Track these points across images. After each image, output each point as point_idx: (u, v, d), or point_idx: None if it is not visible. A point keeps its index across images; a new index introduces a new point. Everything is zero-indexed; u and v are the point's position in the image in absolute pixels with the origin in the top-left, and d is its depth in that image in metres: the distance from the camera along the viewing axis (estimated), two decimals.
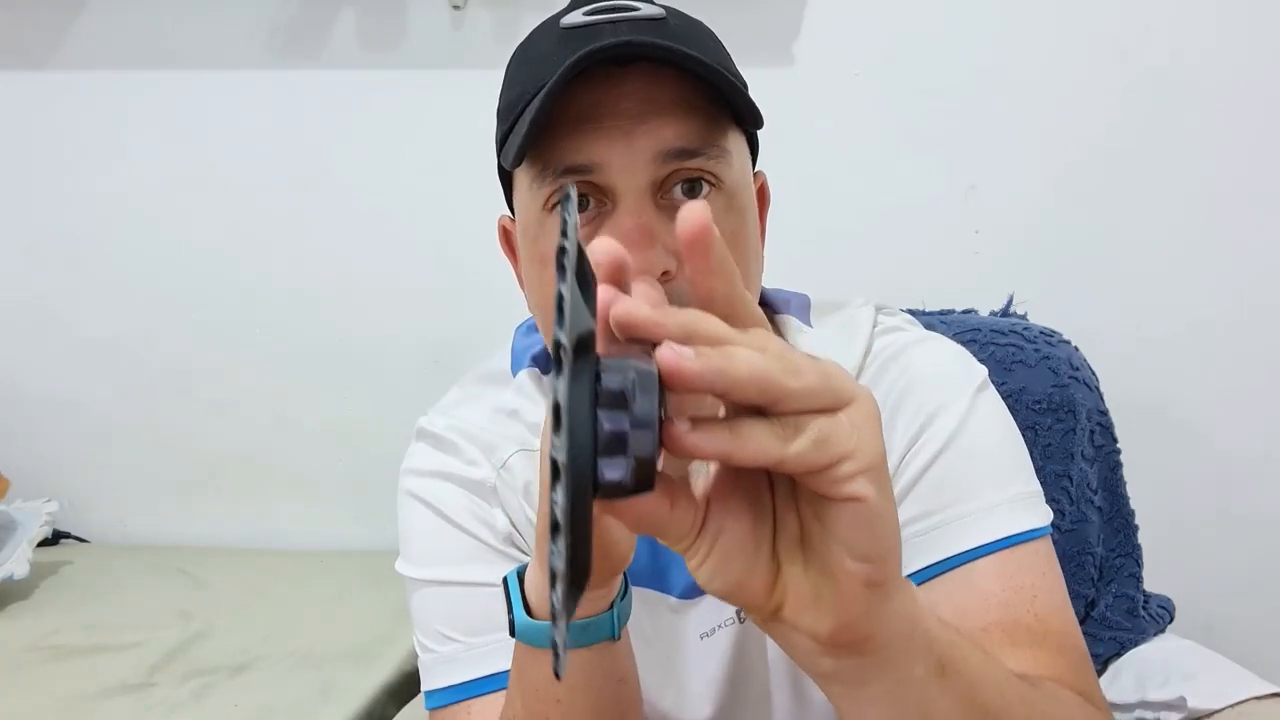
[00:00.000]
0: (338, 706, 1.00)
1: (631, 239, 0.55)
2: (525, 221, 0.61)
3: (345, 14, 1.35)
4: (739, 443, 0.32)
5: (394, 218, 1.40)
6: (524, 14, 1.31)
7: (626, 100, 0.56)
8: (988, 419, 0.66)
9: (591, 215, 0.58)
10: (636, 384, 0.30)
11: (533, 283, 0.63)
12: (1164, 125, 1.26)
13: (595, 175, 0.57)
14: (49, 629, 1.19)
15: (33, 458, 1.49)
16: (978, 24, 1.27)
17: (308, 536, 1.48)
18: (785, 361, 0.32)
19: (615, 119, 0.56)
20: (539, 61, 0.59)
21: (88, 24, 1.39)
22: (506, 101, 0.61)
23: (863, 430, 0.33)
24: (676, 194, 0.58)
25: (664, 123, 0.56)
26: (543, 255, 0.60)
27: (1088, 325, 1.11)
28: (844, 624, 0.35)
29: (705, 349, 0.31)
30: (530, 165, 0.58)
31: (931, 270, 1.31)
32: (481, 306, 1.39)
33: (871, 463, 0.33)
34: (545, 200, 0.58)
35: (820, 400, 0.33)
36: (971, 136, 1.29)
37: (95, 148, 1.43)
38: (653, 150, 0.56)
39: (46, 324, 1.49)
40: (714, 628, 0.68)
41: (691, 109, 0.57)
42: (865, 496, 0.33)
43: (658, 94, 0.56)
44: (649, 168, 0.56)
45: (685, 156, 0.57)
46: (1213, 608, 1.27)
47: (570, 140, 0.56)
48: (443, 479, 0.71)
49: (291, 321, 1.44)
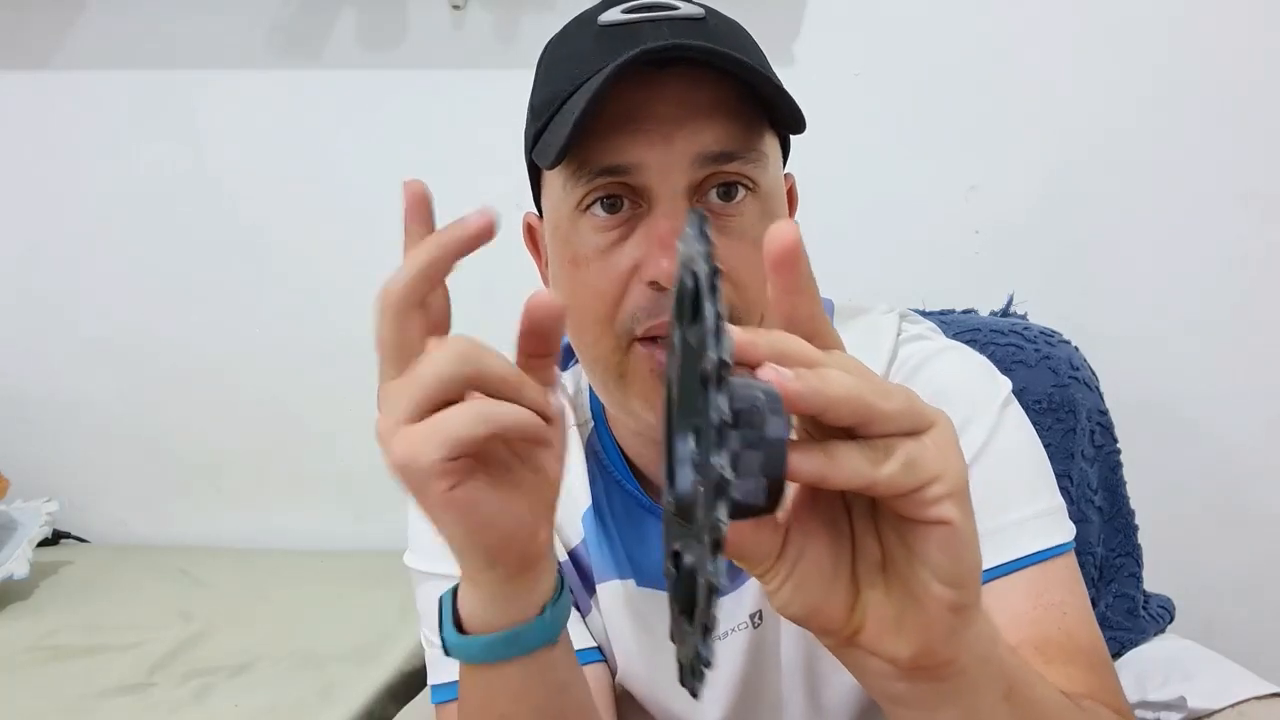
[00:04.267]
0: (338, 707, 1.00)
1: (669, 242, 0.55)
2: (556, 220, 0.61)
3: (345, 14, 1.35)
4: (834, 465, 0.32)
5: (394, 218, 1.38)
6: (524, 14, 1.31)
7: (666, 103, 0.55)
8: (1014, 433, 0.66)
9: (625, 217, 0.57)
10: (766, 405, 0.30)
11: (562, 282, 0.62)
12: (1164, 125, 1.26)
13: (632, 177, 0.56)
14: (49, 629, 1.19)
15: (33, 457, 1.48)
16: (978, 24, 1.27)
17: (308, 536, 1.48)
18: (874, 383, 0.32)
19: (655, 121, 0.55)
20: (577, 59, 0.58)
21: (88, 24, 1.39)
22: (542, 98, 0.61)
23: (947, 453, 0.33)
24: (712, 198, 0.57)
25: (703, 126, 0.56)
26: (574, 256, 0.59)
27: (1088, 325, 1.11)
28: (926, 649, 0.35)
29: (802, 370, 0.31)
30: (565, 165, 0.58)
31: (932, 270, 1.31)
32: (481, 306, 1.39)
33: (957, 485, 0.33)
34: (579, 200, 0.58)
35: (907, 423, 0.33)
36: (972, 137, 1.29)
37: (95, 148, 1.43)
38: (692, 153, 0.56)
39: (46, 324, 1.49)
40: (727, 631, 0.68)
41: (731, 112, 0.57)
42: (953, 520, 0.33)
43: (697, 96, 0.56)
44: (687, 171, 0.56)
45: (723, 160, 0.56)
46: (1213, 608, 1.27)
47: (608, 141, 0.56)
48: None
49: (291, 321, 1.44)
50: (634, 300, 0.57)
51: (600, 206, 0.58)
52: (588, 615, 0.73)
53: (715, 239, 0.55)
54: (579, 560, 0.72)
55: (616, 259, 0.58)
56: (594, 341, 0.60)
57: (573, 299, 0.60)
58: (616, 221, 0.58)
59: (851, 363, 0.34)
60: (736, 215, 0.58)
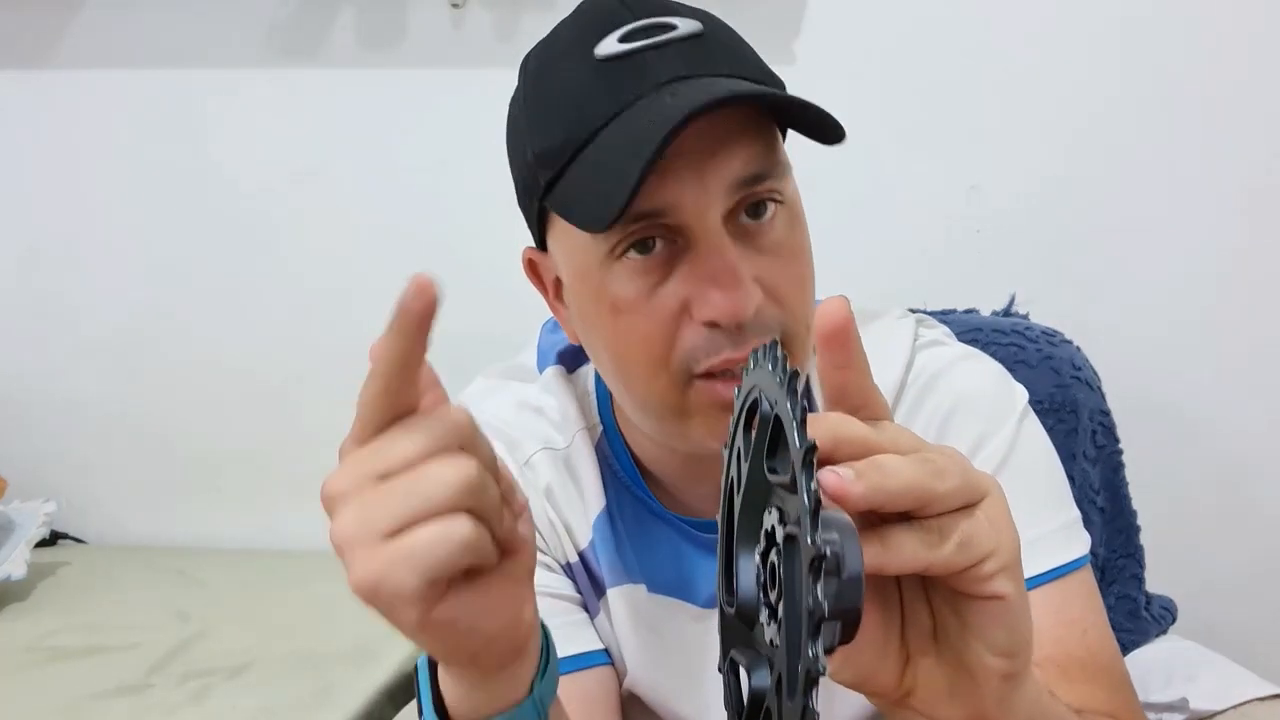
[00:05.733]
0: (337, 708, 0.99)
1: (722, 281, 0.54)
2: (582, 269, 0.59)
3: (344, 13, 1.35)
4: (890, 554, 0.32)
5: (393, 217, 1.39)
6: (523, 13, 1.31)
7: (692, 137, 0.52)
8: (1033, 445, 0.66)
9: (662, 257, 0.56)
10: (843, 545, 0.30)
11: (601, 330, 0.60)
12: (1165, 124, 1.26)
13: (668, 218, 0.54)
14: (46, 630, 1.18)
15: (30, 458, 1.48)
16: (979, 24, 1.27)
17: (307, 537, 1.47)
18: (930, 465, 0.33)
19: (684, 158, 0.53)
20: (581, 100, 0.55)
21: (87, 23, 1.39)
22: (550, 142, 0.57)
23: (1000, 526, 0.34)
24: (743, 219, 0.56)
25: (733, 154, 0.54)
26: (614, 304, 0.57)
27: (1089, 325, 1.11)
28: (977, 714, 0.35)
29: (863, 468, 0.31)
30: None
31: (933, 270, 1.31)
32: (481, 306, 1.39)
33: (1011, 559, 0.34)
34: (612, 248, 0.56)
35: (962, 499, 0.33)
36: (973, 136, 1.29)
37: (94, 147, 1.43)
38: (725, 184, 0.54)
39: (45, 324, 1.48)
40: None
41: (755, 134, 0.56)
42: (1007, 594, 0.33)
43: (722, 125, 0.54)
44: (721, 202, 0.55)
45: (755, 183, 0.55)
46: (1215, 609, 1.26)
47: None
48: None
49: (290, 321, 1.44)
50: (690, 340, 0.56)
51: (634, 250, 0.56)
52: (596, 618, 0.72)
53: (753, 261, 0.55)
54: (588, 563, 0.71)
55: (662, 300, 0.56)
56: (647, 382, 0.58)
57: (618, 345, 0.59)
58: (655, 264, 0.56)
59: (905, 437, 0.34)
60: (770, 231, 0.57)
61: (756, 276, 0.55)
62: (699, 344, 0.56)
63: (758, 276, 0.55)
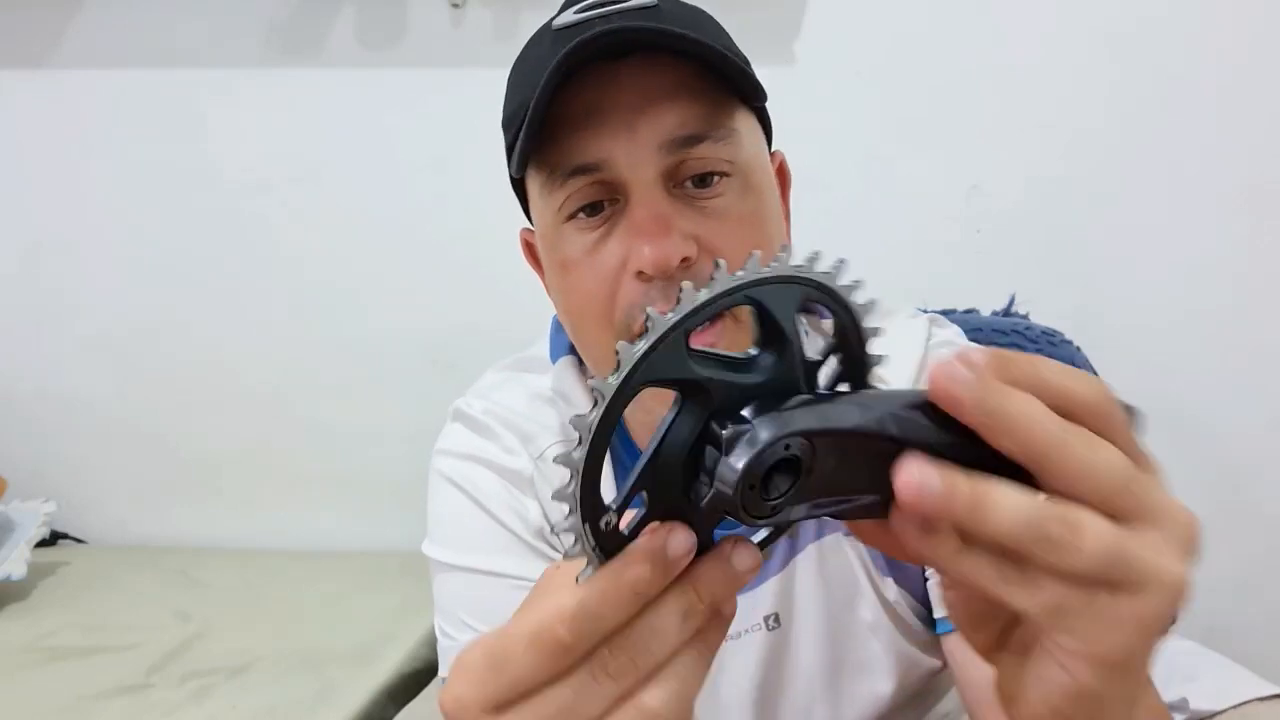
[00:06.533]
0: (337, 707, 0.99)
1: (647, 229, 0.55)
2: (543, 228, 0.61)
3: (345, 12, 1.35)
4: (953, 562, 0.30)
5: (393, 217, 1.39)
6: (523, 12, 1.31)
7: (624, 93, 0.55)
8: None
9: (605, 216, 0.57)
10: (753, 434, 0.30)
11: (556, 288, 0.62)
12: (1166, 124, 1.26)
13: (603, 173, 0.56)
14: (46, 630, 1.19)
15: (30, 458, 1.48)
16: (979, 23, 1.27)
17: (308, 536, 1.47)
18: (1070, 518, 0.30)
19: (616, 112, 0.55)
20: (534, 67, 0.58)
21: (87, 23, 1.39)
22: (508, 113, 0.61)
23: (1141, 630, 0.29)
24: (688, 186, 0.57)
25: (665, 110, 0.55)
26: (564, 261, 0.59)
27: (1089, 325, 1.11)
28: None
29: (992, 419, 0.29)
30: (537, 171, 0.58)
31: (933, 269, 1.31)
32: (481, 306, 1.39)
33: (1119, 657, 0.29)
34: (559, 206, 0.58)
35: (1093, 573, 0.29)
36: (973, 136, 1.29)
37: (94, 146, 1.43)
38: (657, 140, 0.55)
39: (46, 323, 1.48)
40: (740, 632, 0.67)
41: (692, 93, 0.56)
42: (1084, 684, 0.30)
43: (656, 83, 0.56)
44: (655, 158, 0.56)
45: (692, 143, 0.56)
46: (1214, 609, 1.26)
47: (573, 140, 0.56)
48: (478, 463, 0.70)
49: (291, 321, 1.44)
50: (628, 295, 0.57)
51: (583, 212, 0.58)
52: None
53: (694, 221, 0.55)
54: None
55: (603, 257, 0.58)
56: (595, 341, 0.60)
57: (568, 303, 0.61)
58: (598, 222, 0.58)
59: (1118, 463, 0.32)
60: (716, 196, 0.58)
61: (696, 236, 0.56)
62: (634, 299, 0.57)
63: (697, 236, 0.56)
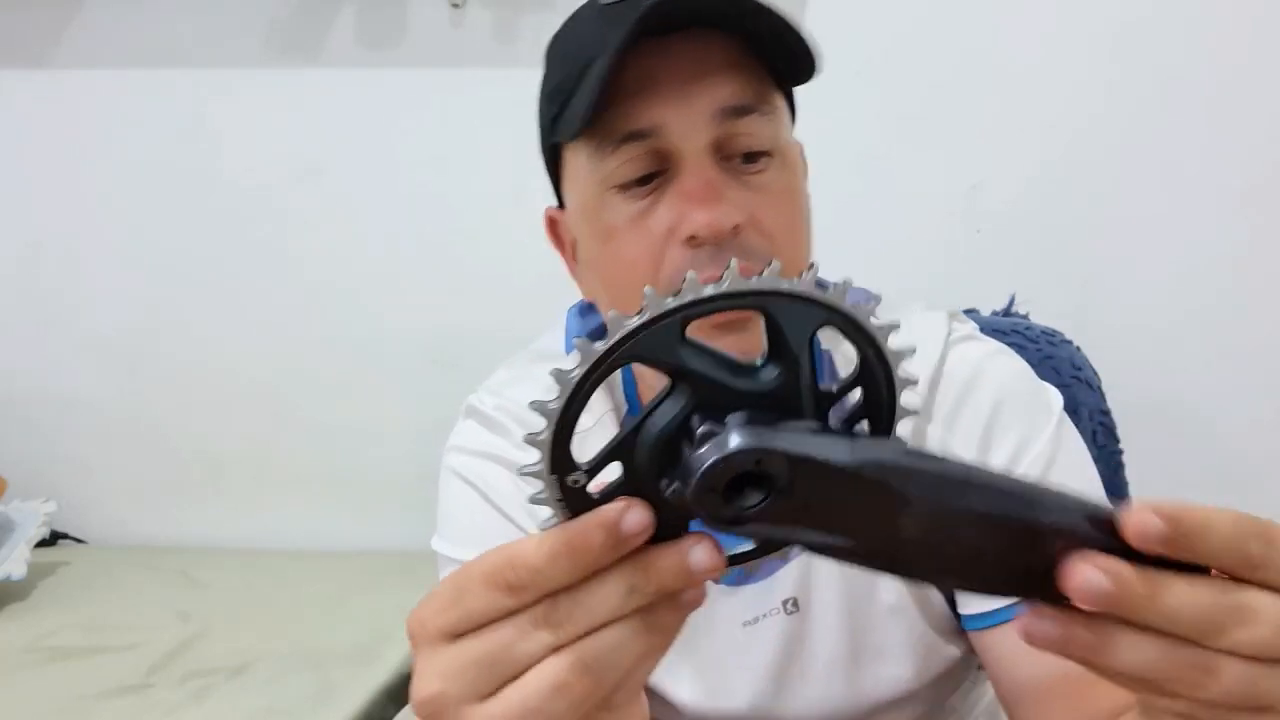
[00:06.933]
0: (337, 707, 0.99)
1: (700, 195, 0.56)
2: (584, 198, 0.61)
3: (345, 12, 1.35)
4: (1098, 652, 0.31)
5: (393, 216, 1.39)
6: (523, 12, 1.31)
7: (679, 63, 0.57)
8: (1075, 443, 0.67)
9: (653, 186, 0.58)
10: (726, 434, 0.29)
11: (596, 259, 0.62)
12: (1166, 123, 1.26)
13: (656, 140, 0.57)
14: (46, 630, 1.18)
15: (30, 457, 1.48)
16: (980, 22, 1.27)
17: (308, 536, 1.47)
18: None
19: (671, 82, 0.57)
20: (583, 43, 0.59)
21: (87, 23, 1.39)
22: (554, 84, 0.62)
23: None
24: (736, 163, 0.59)
25: (718, 81, 0.57)
26: (606, 230, 0.60)
27: (1089, 325, 1.11)
28: None
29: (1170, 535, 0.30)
30: (588, 139, 0.59)
31: (933, 269, 1.31)
32: (481, 305, 1.39)
33: None
34: (606, 174, 0.59)
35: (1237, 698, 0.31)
36: (973, 136, 1.29)
37: (93, 146, 1.42)
38: (711, 109, 0.57)
39: (45, 323, 1.48)
40: (759, 616, 0.67)
41: (740, 68, 0.58)
42: None
43: (709, 54, 0.57)
44: (708, 127, 0.57)
45: (741, 114, 0.58)
46: None
47: (627, 108, 0.57)
48: (490, 460, 0.70)
49: (291, 321, 1.44)
50: (675, 262, 0.58)
51: (629, 182, 0.59)
52: None
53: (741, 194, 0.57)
54: None
55: (650, 225, 0.58)
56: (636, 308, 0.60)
57: (609, 272, 0.61)
58: (646, 191, 0.59)
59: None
60: (760, 171, 0.59)
61: (742, 206, 0.57)
62: (682, 265, 0.57)
63: (744, 207, 0.57)
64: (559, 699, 0.31)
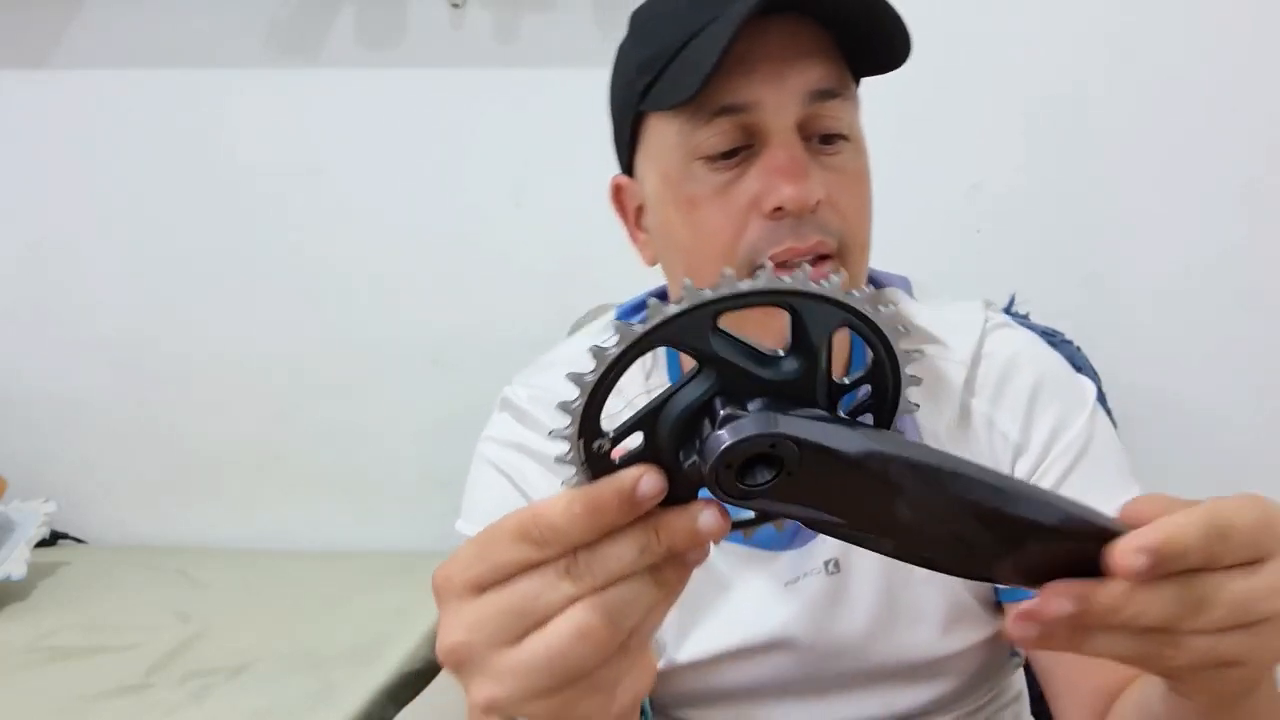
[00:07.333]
0: (337, 707, 0.99)
1: (788, 169, 0.60)
2: (667, 167, 0.64)
3: (345, 12, 1.35)
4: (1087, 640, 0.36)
5: (393, 217, 1.39)
6: (523, 12, 1.31)
7: (775, 45, 0.60)
8: (1107, 428, 0.71)
9: (738, 160, 0.61)
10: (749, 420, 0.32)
11: (675, 225, 0.65)
12: (1166, 122, 1.26)
13: (748, 115, 0.60)
14: (46, 630, 1.18)
15: (30, 458, 1.48)
16: (979, 21, 1.27)
17: (308, 536, 1.47)
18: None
19: (767, 62, 0.60)
20: (677, 16, 0.62)
21: (87, 23, 1.39)
22: (649, 54, 0.63)
23: None
24: (815, 142, 0.62)
25: (810, 65, 0.61)
26: (690, 198, 0.62)
27: (1089, 324, 1.11)
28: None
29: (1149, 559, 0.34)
30: (680, 110, 0.61)
31: (933, 269, 1.30)
32: (482, 306, 1.39)
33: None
34: (696, 145, 0.61)
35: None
36: (973, 135, 1.29)
37: (95, 147, 1.43)
38: (802, 90, 0.60)
39: (46, 323, 1.48)
40: (800, 575, 0.68)
41: (828, 55, 0.62)
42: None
43: (801, 40, 0.61)
44: (798, 106, 0.60)
45: (827, 97, 0.61)
46: None
47: (723, 83, 0.59)
48: (522, 452, 0.72)
49: (291, 321, 1.44)
50: (755, 232, 0.61)
51: (715, 155, 0.61)
52: None
53: (820, 174, 0.60)
54: None
55: (734, 196, 0.61)
56: (713, 276, 0.61)
57: (690, 239, 0.64)
58: (731, 164, 0.61)
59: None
60: (838, 154, 0.64)
61: (823, 184, 0.61)
62: (763, 235, 0.61)
63: (823, 184, 0.61)
64: (583, 644, 0.33)
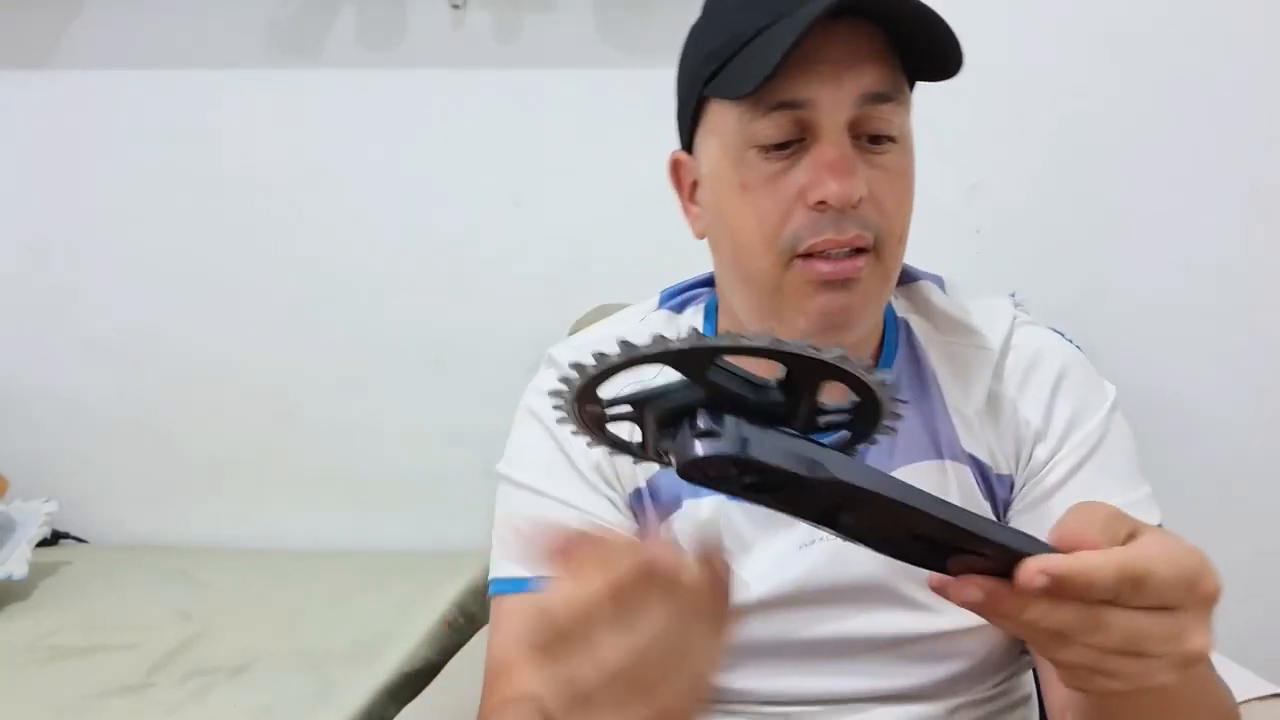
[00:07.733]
0: (337, 707, 0.99)
1: (837, 166, 0.63)
2: (725, 150, 0.67)
3: (345, 13, 1.35)
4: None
5: (394, 217, 1.39)
6: (523, 13, 1.31)
7: (837, 47, 0.63)
8: (1122, 424, 0.75)
9: (790, 152, 0.64)
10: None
11: (727, 205, 0.68)
12: (1166, 122, 1.26)
13: (804, 111, 0.63)
14: (48, 629, 1.19)
15: (32, 457, 1.48)
16: (979, 21, 1.27)
17: (308, 536, 1.48)
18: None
19: (828, 63, 0.63)
20: (751, 5, 0.65)
21: (87, 23, 1.39)
22: (718, 43, 0.66)
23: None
24: (864, 141, 0.65)
25: (866, 69, 0.64)
26: (744, 182, 0.66)
27: (1090, 324, 1.11)
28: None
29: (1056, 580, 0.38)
30: (741, 100, 0.64)
31: (933, 269, 1.31)
32: (483, 306, 1.39)
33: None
34: (753, 134, 0.64)
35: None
36: (972, 135, 1.29)
37: (94, 147, 1.43)
38: (858, 92, 0.63)
39: (46, 323, 1.48)
40: (815, 540, 0.70)
41: (886, 59, 0.65)
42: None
43: (862, 43, 0.64)
44: (851, 107, 0.63)
45: (881, 100, 0.64)
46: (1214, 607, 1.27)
47: (784, 79, 0.62)
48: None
49: (291, 321, 1.44)
50: (799, 221, 0.64)
51: (770, 146, 0.65)
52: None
53: (865, 171, 0.65)
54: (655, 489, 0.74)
55: (783, 185, 0.64)
56: (756, 258, 0.66)
57: (738, 220, 0.67)
58: (784, 155, 0.65)
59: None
60: (884, 154, 0.66)
61: (867, 182, 0.64)
62: (806, 224, 0.64)
63: (867, 181, 0.64)
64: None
